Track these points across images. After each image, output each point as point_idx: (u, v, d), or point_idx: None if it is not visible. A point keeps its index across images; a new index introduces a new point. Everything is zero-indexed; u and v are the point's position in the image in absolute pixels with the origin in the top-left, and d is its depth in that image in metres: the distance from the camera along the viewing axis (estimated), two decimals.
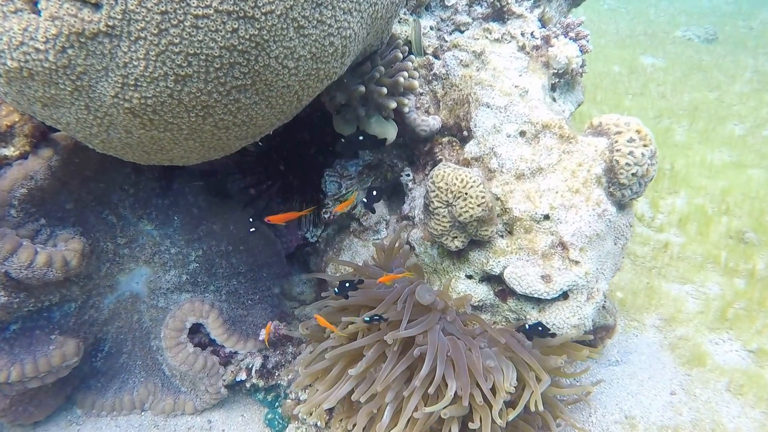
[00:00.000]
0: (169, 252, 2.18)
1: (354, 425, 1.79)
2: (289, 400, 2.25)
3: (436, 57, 2.09)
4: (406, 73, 1.71)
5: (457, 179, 1.58)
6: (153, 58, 1.06)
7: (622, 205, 1.82)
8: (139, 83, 1.08)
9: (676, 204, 3.97)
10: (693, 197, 4.04)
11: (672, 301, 2.89)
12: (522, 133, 1.77)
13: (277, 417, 2.28)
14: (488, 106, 1.87)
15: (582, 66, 2.43)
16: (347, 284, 1.61)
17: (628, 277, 3.19)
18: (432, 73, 2.07)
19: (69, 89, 1.10)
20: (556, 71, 2.27)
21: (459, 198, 1.58)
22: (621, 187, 1.71)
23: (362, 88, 1.64)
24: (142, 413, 2.24)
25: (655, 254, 3.36)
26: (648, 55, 8.58)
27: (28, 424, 2.06)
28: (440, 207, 1.65)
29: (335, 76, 1.40)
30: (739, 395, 2.21)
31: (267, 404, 2.34)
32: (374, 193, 1.72)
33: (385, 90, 1.67)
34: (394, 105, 1.71)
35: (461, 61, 2.02)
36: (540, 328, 1.60)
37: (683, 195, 4.10)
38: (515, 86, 1.90)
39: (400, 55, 1.69)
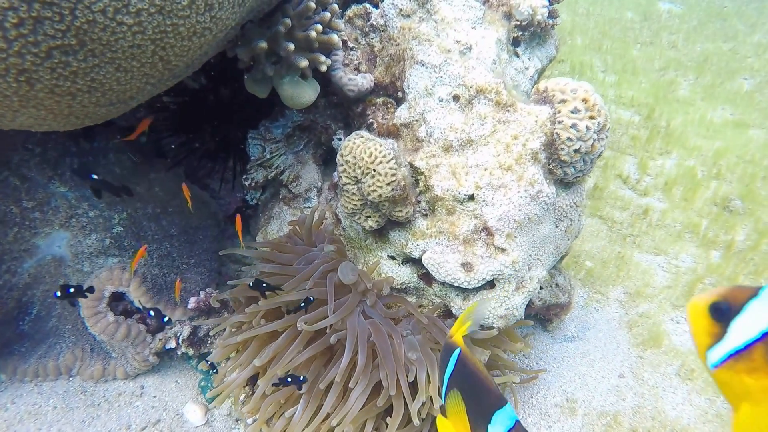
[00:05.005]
0: (87, 215, 2.04)
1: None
2: (221, 368, 2.19)
3: (375, 5, 1.84)
4: (320, 27, 1.48)
5: (365, 153, 1.39)
6: None
7: (566, 184, 1.62)
8: None
9: (665, 166, 3.73)
10: (685, 159, 3.79)
11: (641, 274, 2.74)
12: (455, 98, 1.55)
13: (210, 384, 2.21)
14: (423, 65, 1.64)
15: (552, 17, 2.16)
16: (263, 284, 1.56)
17: (602, 245, 3.03)
18: (369, 24, 1.83)
19: None
20: (518, 23, 2.01)
21: (367, 175, 1.39)
22: (562, 165, 1.51)
23: (264, 44, 1.42)
24: (70, 379, 2.19)
25: (634, 220, 3.17)
26: (666, 0, 7.95)
27: None
28: (349, 183, 1.46)
29: (209, 33, 1.19)
30: (689, 380, 2.09)
31: (201, 371, 2.28)
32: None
33: (292, 46, 1.45)
34: (305, 64, 1.49)
35: (401, 10, 1.77)
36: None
37: (675, 156, 3.85)
38: (457, 42, 1.66)
39: (313, 5, 1.45)
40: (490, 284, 1.54)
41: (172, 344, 2.16)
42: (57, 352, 2.16)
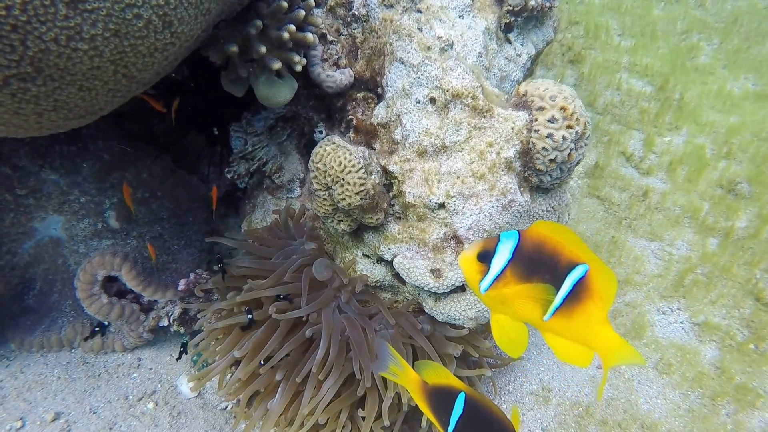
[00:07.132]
0: (79, 201, 2.09)
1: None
2: (212, 345, 2.29)
3: None
4: (293, 27, 1.44)
5: (335, 162, 1.39)
6: None
7: (545, 189, 1.60)
8: None
9: (673, 143, 3.61)
10: (695, 135, 3.65)
11: (632, 261, 2.73)
12: (432, 101, 1.52)
13: (202, 360, 2.33)
14: (402, 63, 1.60)
15: None
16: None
17: (596, 227, 3.00)
18: (351, 13, 1.77)
19: None
20: (511, 8, 1.93)
21: (337, 183, 1.40)
22: (538, 173, 1.49)
23: (234, 48, 1.39)
24: (72, 350, 2.32)
25: (632, 202, 3.12)
26: None
27: None
28: (320, 189, 1.47)
29: (171, 47, 1.18)
30: (665, 374, 2.13)
31: (195, 346, 2.38)
32: None
33: (263, 49, 1.42)
34: (278, 66, 1.47)
35: (384, 0, 1.71)
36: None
37: (684, 132, 3.71)
38: (438, 38, 1.61)
39: (285, 5, 1.41)
40: (461, 288, 1.56)
41: (165, 323, 2.26)
42: (59, 325, 2.28)
